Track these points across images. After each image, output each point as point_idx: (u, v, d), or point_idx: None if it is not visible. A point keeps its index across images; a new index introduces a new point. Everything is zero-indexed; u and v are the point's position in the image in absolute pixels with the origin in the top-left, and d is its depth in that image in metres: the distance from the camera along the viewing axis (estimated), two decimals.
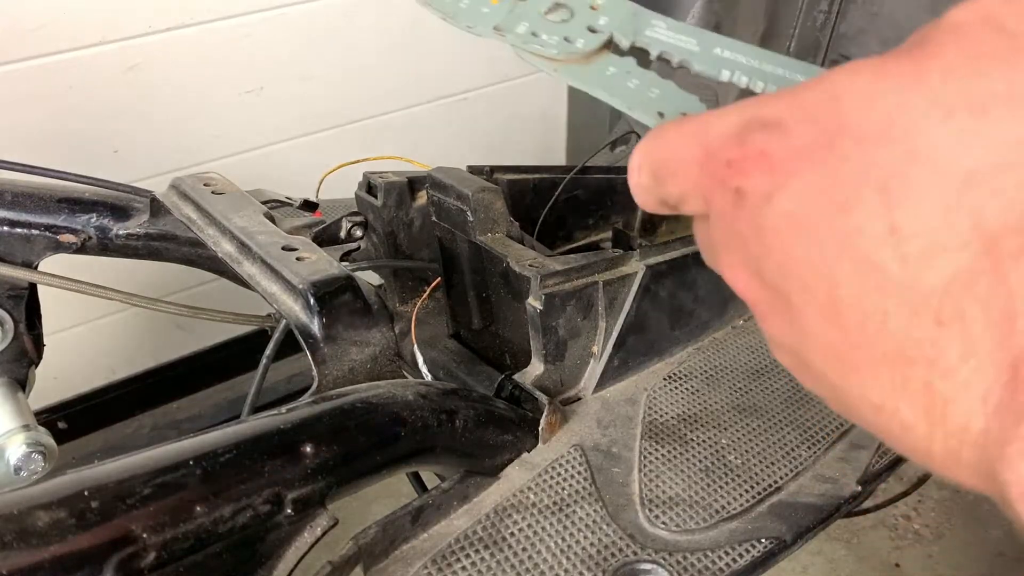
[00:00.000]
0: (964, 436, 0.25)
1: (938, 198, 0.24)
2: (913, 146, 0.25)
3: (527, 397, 0.65)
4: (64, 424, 1.35)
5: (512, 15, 0.44)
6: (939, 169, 0.24)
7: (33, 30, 1.10)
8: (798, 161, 0.27)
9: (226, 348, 1.47)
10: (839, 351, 0.27)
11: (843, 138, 0.26)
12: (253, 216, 0.69)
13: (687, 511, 0.60)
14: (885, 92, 0.26)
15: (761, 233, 0.28)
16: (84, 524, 0.40)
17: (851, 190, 0.25)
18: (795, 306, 0.27)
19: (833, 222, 0.26)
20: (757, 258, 0.28)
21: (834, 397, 0.28)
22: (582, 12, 0.43)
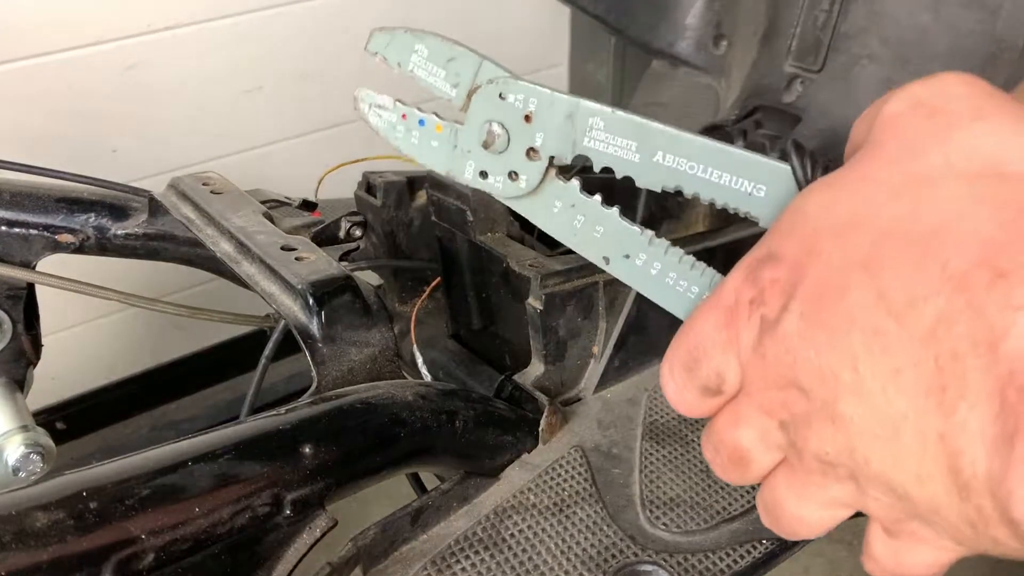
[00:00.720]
0: (979, 488, 0.26)
1: (908, 258, 0.28)
2: (878, 226, 0.29)
3: (527, 398, 0.65)
4: (63, 425, 1.35)
5: (457, 151, 0.44)
6: (902, 237, 0.28)
7: (31, 29, 1.10)
8: (797, 272, 0.30)
9: (225, 348, 1.47)
10: (876, 430, 0.29)
11: (821, 241, 0.30)
12: (252, 216, 0.69)
13: (688, 512, 0.60)
14: (838, 197, 0.31)
15: (787, 344, 0.31)
16: (83, 525, 0.39)
17: (840, 277, 0.29)
18: (833, 402, 0.30)
19: (836, 307, 0.29)
20: (793, 374, 0.31)
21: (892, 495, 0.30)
22: (518, 130, 0.42)
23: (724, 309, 0.33)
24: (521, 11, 1.50)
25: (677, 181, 0.39)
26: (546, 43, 1.57)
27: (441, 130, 0.44)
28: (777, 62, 0.90)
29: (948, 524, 0.29)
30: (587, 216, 0.42)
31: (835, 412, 0.30)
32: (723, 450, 0.35)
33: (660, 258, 0.41)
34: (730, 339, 0.33)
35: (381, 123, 0.46)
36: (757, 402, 0.33)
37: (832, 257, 0.30)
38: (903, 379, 0.28)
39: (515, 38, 1.52)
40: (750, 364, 0.33)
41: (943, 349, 0.27)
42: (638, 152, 0.40)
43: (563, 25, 1.57)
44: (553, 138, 0.41)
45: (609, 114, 0.40)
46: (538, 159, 0.42)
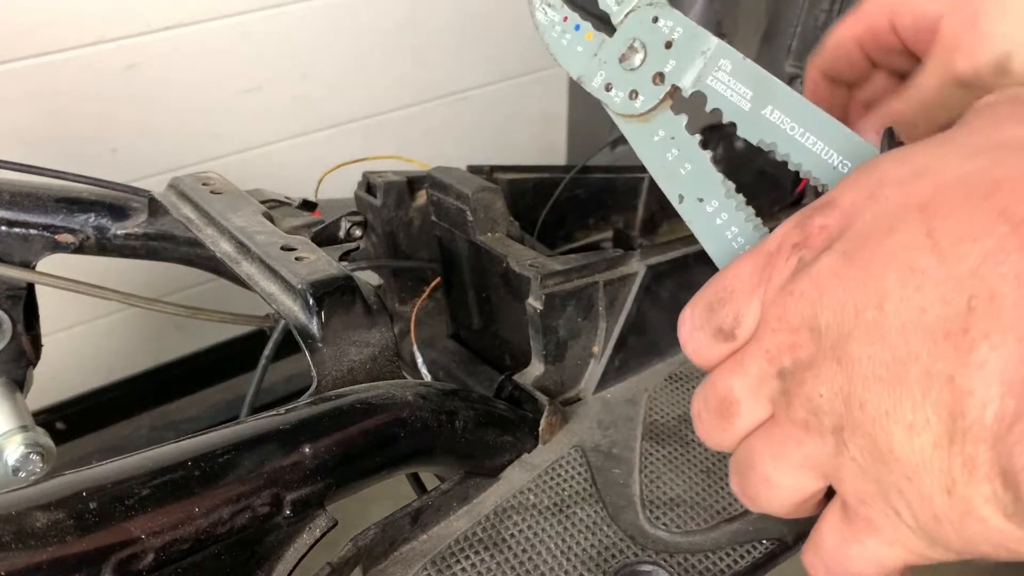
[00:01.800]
0: (980, 432, 0.26)
1: (967, 203, 0.27)
2: (945, 177, 0.28)
3: (527, 398, 0.65)
4: (62, 425, 1.35)
5: (595, 60, 0.48)
6: (967, 185, 0.28)
7: (31, 29, 1.10)
8: (848, 218, 0.30)
9: (225, 348, 1.47)
10: (881, 372, 0.28)
11: (883, 188, 0.30)
12: (252, 216, 0.69)
13: (688, 512, 0.60)
14: (916, 152, 0.31)
15: (818, 280, 0.30)
16: (82, 525, 0.39)
17: (894, 217, 0.29)
18: (845, 341, 0.29)
19: (880, 245, 0.29)
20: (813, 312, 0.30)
21: (873, 453, 0.29)
22: (655, 53, 0.45)
23: (765, 254, 0.33)
24: (521, 11, 1.50)
25: (775, 138, 0.41)
26: None
27: (591, 37, 0.48)
28: (778, 62, 0.90)
29: (919, 494, 0.28)
30: (681, 151, 0.44)
31: (844, 352, 0.29)
32: (712, 399, 0.35)
33: (730, 210, 0.42)
34: (760, 281, 0.33)
35: (544, 19, 0.50)
36: (764, 347, 0.33)
37: (889, 201, 0.29)
38: (926, 318, 0.27)
39: (515, 38, 1.52)
40: (772, 304, 0.32)
41: (981, 288, 0.26)
42: (751, 102, 0.42)
43: None
44: (682, 68, 0.44)
45: (739, 60, 0.42)
46: (661, 84, 0.45)
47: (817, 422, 0.31)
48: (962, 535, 0.28)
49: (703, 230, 0.43)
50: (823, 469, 0.32)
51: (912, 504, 0.29)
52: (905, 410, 0.28)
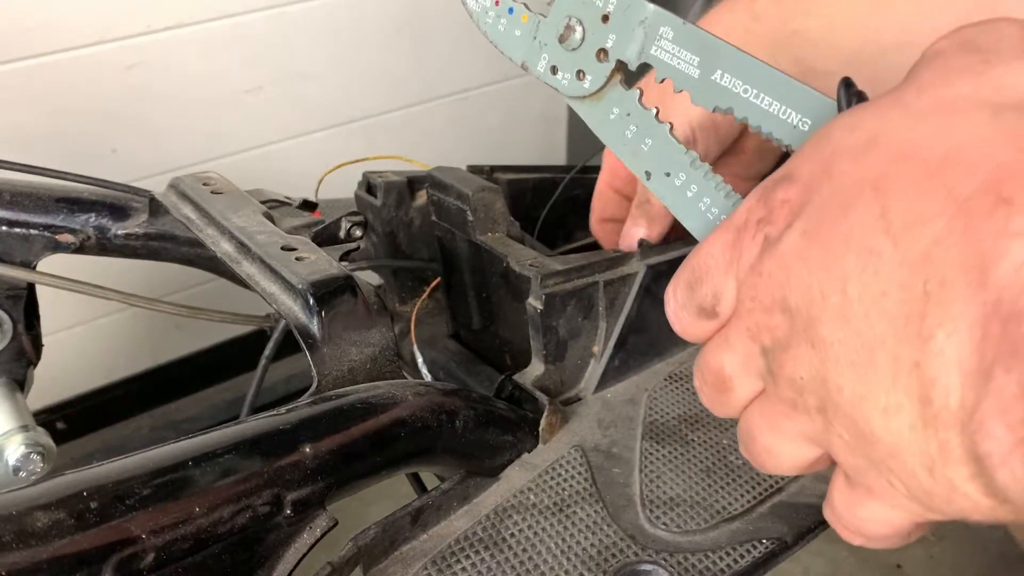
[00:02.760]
0: (948, 419, 0.26)
1: (917, 180, 0.27)
2: (895, 148, 0.28)
3: (527, 397, 0.65)
4: (63, 424, 1.35)
5: (535, 43, 0.46)
6: (917, 159, 0.27)
7: (31, 29, 1.10)
8: (809, 192, 0.30)
9: (225, 348, 1.47)
10: (852, 357, 0.29)
11: (837, 160, 0.30)
12: (252, 216, 0.69)
13: (688, 512, 0.60)
14: (865, 118, 0.30)
15: (783, 261, 0.31)
16: (83, 525, 0.40)
17: (849, 195, 0.29)
18: (815, 324, 0.30)
19: (837, 225, 0.29)
20: (783, 293, 0.31)
21: (856, 432, 0.30)
22: (593, 28, 0.44)
23: (734, 229, 0.33)
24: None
25: (730, 103, 0.40)
26: None
27: (526, 20, 0.47)
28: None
29: (904, 470, 0.28)
30: (639, 127, 0.43)
31: (816, 335, 0.30)
32: (708, 375, 0.36)
33: (698, 181, 0.41)
34: (732, 259, 0.33)
35: (476, 7, 0.50)
36: (744, 325, 0.33)
37: (845, 176, 0.29)
38: (887, 303, 0.27)
39: None
40: (744, 284, 0.33)
41: (933, 274, 0.26)
42: (699, 68, 0.40)
43: None
44: (623, 42, 0.42)
45: (679, 25, 0.41)
46: (606, 61, 0.43)
47: (803, 401, 0.31)
48: (952, 506, 0.28)
49: (676, 204, 0.42)
50: (817, 442, 0.32)
51: (902, 478, 0.29)
52: (879, 394, 0.28)
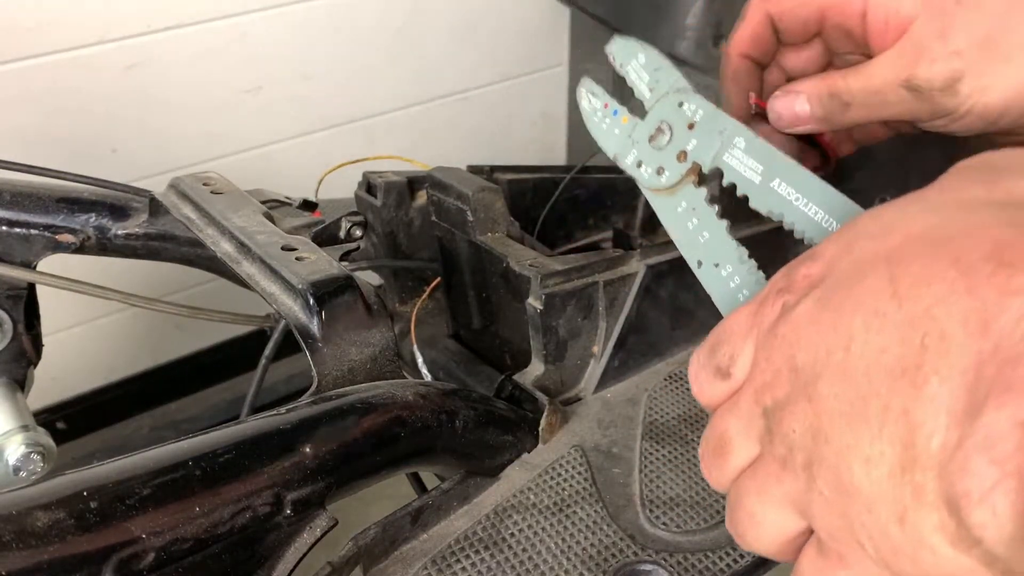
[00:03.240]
0: (927, 461, 0.27)
1: (926, 252, 0.29)
2: (910, 230, 0.31)
3: (527, 397, 0.65)
4: (63, 424, 1.35)
5: (629, 140, 0.54)
6: (928, 237, 0.30)
7: (31, 29, 1.10)
8: (828, 268, 0.33)
9: (225, 348, 1.47)
10: (845, 408, 0.30)
11: (858, 240, 0.33)
12: (252, 216, 0.69)
13: (688, 512, 0.60)
14: (889, 209, 0.33)
15: (796, 324, 0.33)
16: (83, 525, 0.40)
17: (865, 267, 0.31)
18: (816, 381, 0.31)
19: (849, 292, 0.31)
20: (792, 352, 0.33)
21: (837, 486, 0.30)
22: (679, 133, 0.51)
23: (759, 301, 0.36)
24: (521, 11, 1.50)
25: (782, 209, 0.45)
26: (546, 43, 1.57)
27: (626, 121, 0.55)
28: None
29: (877, 524, 0.29)
30: (700, 221, 0.49)
31: (815, 390, 0.31)
32: (712, 439, 0.37)
33: (743, 275, 0.46)
34: (753, 325, 0.35)
35: (587, 106, 0.57)
36: (754, 387, 0.34)
37: (863, 251, 0.32)
38: (886, 358, 0.28)
39: (515, 38, 1.52)
40: (761, 346, 0.34)
41: (933, 328, 0.27)
42: (761, 176, 0.46)
43: (563, 25, 1.57)
44: (702, 147, 0.49)
45: (751, 137, 0.47)
46: (684, 162, 0.50)
47: (792, 458, 0.32)
48: (917, 567, 0.28)
49: (719, 293, 0.47)
50: (799, 505, 0.33)
51: (873, 536, 0.29)
52: (864, 443, 0.29)
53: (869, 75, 0.50)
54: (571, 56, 1.60)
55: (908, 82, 0.48)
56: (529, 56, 1.56)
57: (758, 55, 0.57)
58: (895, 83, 0.49)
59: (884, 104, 0.50)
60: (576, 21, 1.55)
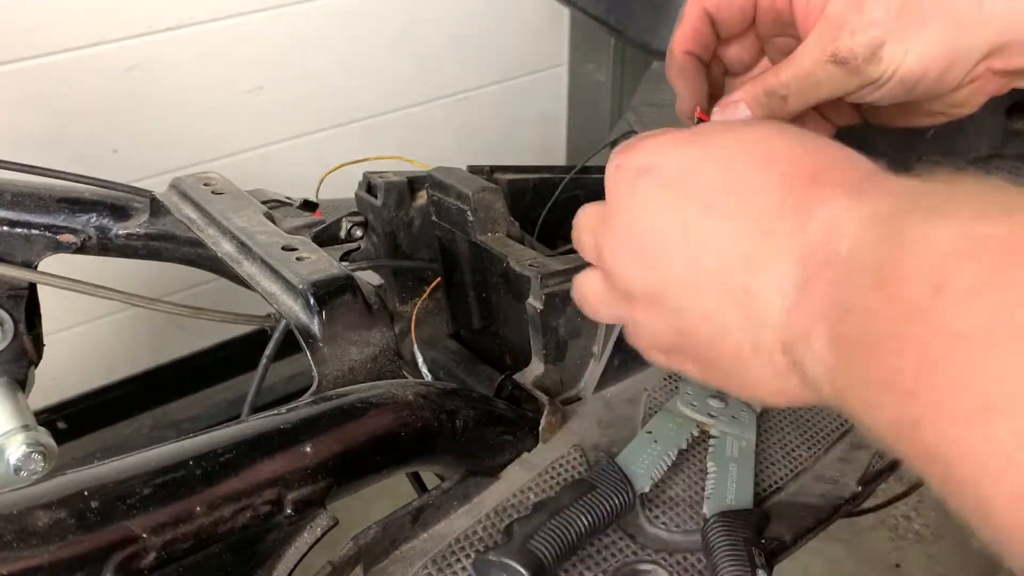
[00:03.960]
0: (766, 322, 0.36)
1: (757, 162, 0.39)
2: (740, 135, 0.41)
3: (527, 397, 0.65)
4: (64, 424, 1.35)
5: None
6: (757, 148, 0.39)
7: (32, 29, 1.10)
8: (663, 149, 0.41)
9: (226, 348, 1.47)
10: (688, 277, 0.39)
11: (697, 138, 0.41)
12: (253, 216, 0.69)
13: (687, 511, 0.60)
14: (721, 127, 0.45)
15: (628, 199, 0.41)
16: (84, 524, 0.40)
17: (697, 162, 0.40)
18: (658, 252, 0.40)
19: (686, 183, 0.40)
20: (614, 215, 0.42)
21: (680, 329, 0.41)
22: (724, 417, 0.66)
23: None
24: (521, 11, 1.51)
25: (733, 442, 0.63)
26: (546, 43, 1.57)
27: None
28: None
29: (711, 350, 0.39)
30: (676, 426, 0.66)
31: (662, 263, 0.40)
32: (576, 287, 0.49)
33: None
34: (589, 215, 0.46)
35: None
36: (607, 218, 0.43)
37: (690, 152, 0.40)
38: (721, 244, 0.37)
39: (515, 38, 1.53)
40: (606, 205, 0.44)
41: (766, 226, 0.36)
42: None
43: (563, 25, 1.57)
44: (722, 431, 0.66)
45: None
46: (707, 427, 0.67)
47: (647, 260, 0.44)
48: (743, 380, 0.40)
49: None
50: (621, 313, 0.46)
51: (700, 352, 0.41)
52: (707, 306, 0.39)
53: (797, 62, 0.51)
54: (571, 56, 1.60)
55: (834, 56, 0.49)
56: (529, 56, 1.56)
57: (699, 50, 0.57)
58: (821, 61, 0.50)
59: (817, 84, 0.51)
60: (576, 21, 1.55)
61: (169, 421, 1.46)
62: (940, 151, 0.85)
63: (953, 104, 0.53)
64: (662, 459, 0.62)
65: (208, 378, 1.48)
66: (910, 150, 0.85)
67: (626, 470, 0.59)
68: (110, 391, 1.40)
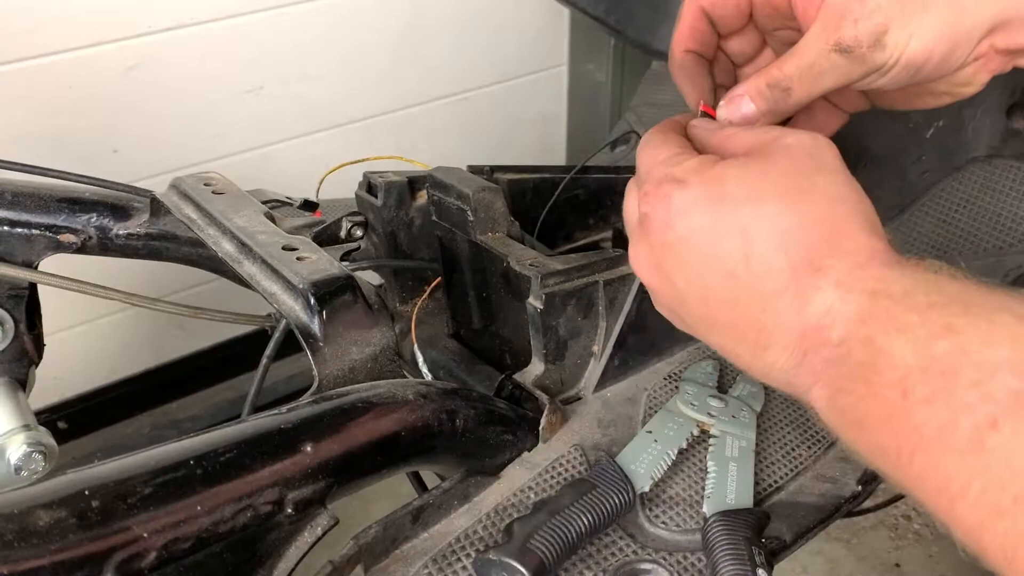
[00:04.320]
0: (774, 366, 0.44)
1: (771, 241, 0.43)
2: (759, 209, 0.44)
3: (527, 397, 0.65)
4: (64, 424, 1.35)
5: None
6: (772, 224, 0.43)
7: (32, 30, 1.10)
8: (694, 206, 0.45)
9: (226, 348, 1.47)
10: (706, 320, 0.47)
11: (725, 200, 0.45)
12: (253, 216, 0.69)
13: (687, 511, 0.60)
14: (746, 177, 0.45)
15: (665, 245, 0.47)
16: (85, 524, 0.40)
17: (724, 231, 0.44)
18: (681, 291, 0.47)
19: (712, 247, 0.45)
20: (659, 258, 0.47)
21: (695, 334, 0.49)
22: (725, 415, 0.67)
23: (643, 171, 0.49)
24: (521, 11, 1.50)
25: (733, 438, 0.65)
26: (546, 43, 1.57)
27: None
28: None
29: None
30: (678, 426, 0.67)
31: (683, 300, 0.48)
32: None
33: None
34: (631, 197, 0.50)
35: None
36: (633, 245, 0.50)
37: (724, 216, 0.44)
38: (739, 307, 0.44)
39: (515, 38, 1.53)
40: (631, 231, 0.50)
41: (771, 303, 0.43)
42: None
43: (563, 25, 1.57)
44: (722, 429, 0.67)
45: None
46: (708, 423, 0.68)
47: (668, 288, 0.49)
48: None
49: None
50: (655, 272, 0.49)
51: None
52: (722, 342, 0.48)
53: (800, 53, 0.51)
54: (571, 56, 1.60)
55: (838, 45, 0.49)
56: (529, 56, 1.56)
57: (700, 48, 0.57)
58: (826, 51, 0.50)
59: (822, 75, 0.51)
60: (576, 21, 1.55)
61: (169, 421, 1.46)
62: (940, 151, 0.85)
63: (958, 84, 0.53)
64: (662, 459, 0.62)
65: (208, 378, 1.48)
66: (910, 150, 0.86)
67: (626, 470, 0.59)
68: (110, 391, 1.40)
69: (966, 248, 0.81)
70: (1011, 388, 0.34)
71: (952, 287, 0.39)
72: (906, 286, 0.40)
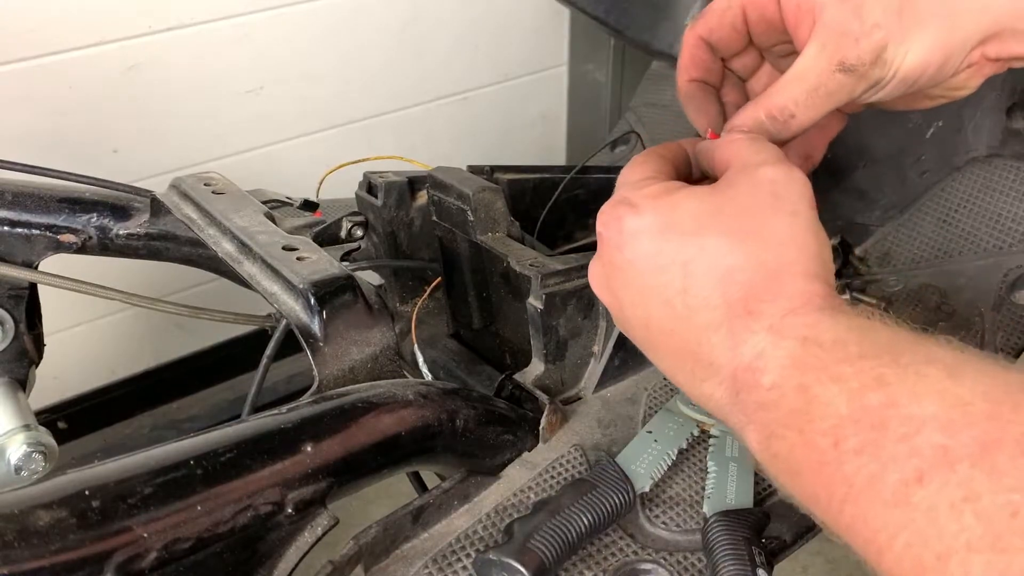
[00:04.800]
0: (711, 399, 0.45)
1: (710, 277, 0.44)
2: (703, 243, 0.45)
3: (527, 397, 0.65)
4: (64, 424, 1.35)
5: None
6: (713, 260, 0.44)
7: (32, 30, 1.10)
8: (642, 233, 0.47)
9: (226, 348, 1.47)
10: (650, 343, 0.49)
11: (671, 231, 0.46)
12: (253, 216, 0.69)
13: (687, 511, 0.60)
14: (699, 210, 0.46)
15: (613, 266, 0.48)
16: (85, 524, 0.40)
17: (667, 261, 0.45)
18: (627, 313, 0.49)
19: (654, 276, 0.46)
20: (608, 277, 0.49)
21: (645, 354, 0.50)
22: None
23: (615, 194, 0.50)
24: (521, 11, 1.50)
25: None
26: (546, 43, 1.57)
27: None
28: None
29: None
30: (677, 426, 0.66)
31: (627, 321, 0.50)
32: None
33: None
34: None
35: None
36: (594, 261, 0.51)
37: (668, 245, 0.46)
38: (676, 336, 0.46)
39: (515, 38, 1.53)
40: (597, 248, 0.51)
41: (705, 336, 0.44)
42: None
43: (563, 26, 1.57)
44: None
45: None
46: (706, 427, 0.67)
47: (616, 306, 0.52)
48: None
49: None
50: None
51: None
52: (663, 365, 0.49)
53: (802, 76, 0.51)
54: (571, 56, 1.60)
55: (841, 65, 0.49)
56: (529, 56, 1.56)
57: (704, 75, 0.58)
58: (829, 71, 0.50)
59: (828, 95, 0.50)
60: (576, 21, 1.55)
61: (169, 421, 1.46)
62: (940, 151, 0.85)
63: (952, 88, 0.54)
64: (662, 458, 0.62)
65: (208, 378, 1.48)
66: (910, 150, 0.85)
67: (626, 469, 0.59)
68: (110, 391, 1.40)
69: (966, 248, 0.81)
70: (937, 444, 0.34)
71: (883, 336, 0.40)
72: (838, 334, 0.40)
